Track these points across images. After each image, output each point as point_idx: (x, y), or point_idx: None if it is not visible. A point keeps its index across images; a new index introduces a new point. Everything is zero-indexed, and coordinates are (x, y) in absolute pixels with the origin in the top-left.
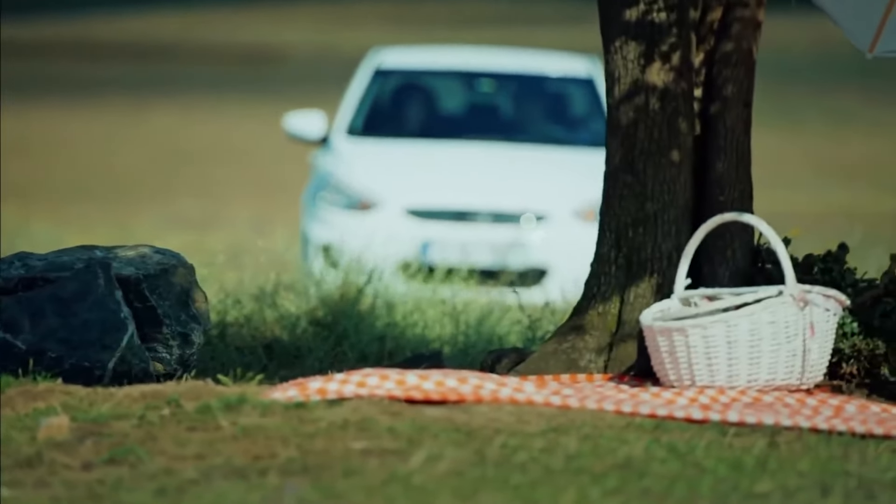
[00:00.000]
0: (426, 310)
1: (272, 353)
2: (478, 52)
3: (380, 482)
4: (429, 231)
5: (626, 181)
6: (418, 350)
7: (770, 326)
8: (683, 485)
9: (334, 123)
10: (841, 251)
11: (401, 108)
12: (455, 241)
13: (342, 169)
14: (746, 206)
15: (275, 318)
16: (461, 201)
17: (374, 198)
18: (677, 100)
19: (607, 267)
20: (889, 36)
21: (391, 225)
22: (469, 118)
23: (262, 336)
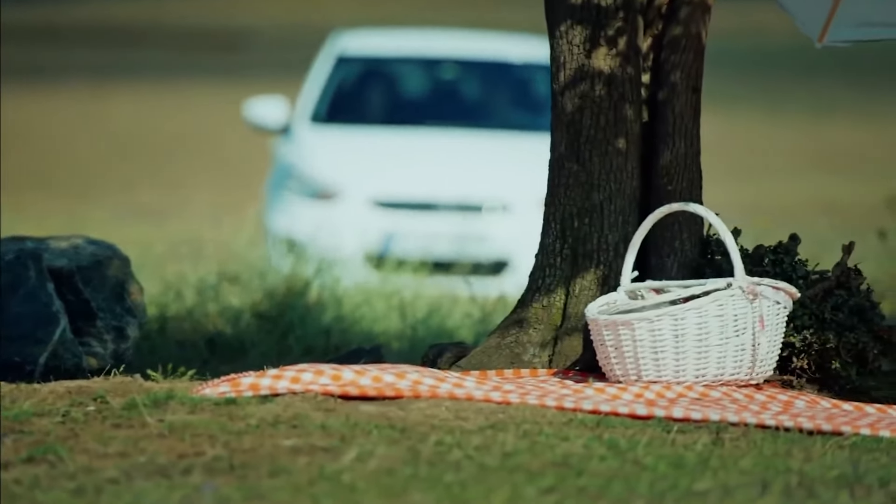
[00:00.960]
0: (375, 303)
1: (214, 347)
2: (442, 37)
3: (307, 481)
4: (392, 222)
5: (572, 170)
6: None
7: (718, 320)
8: (621, 483)
9: (296, 110)
10: (792, 242)
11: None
12: (418, 232)
13: (304, 158)
14: (695, 196)
15: (217, 312)
16: (425, 192)
17: (337, 188)
18: (624, 86)
19: (552, 258)
20: (838, 25)
21: (354, 216)
22: (433, 105)
23: (204, 330)
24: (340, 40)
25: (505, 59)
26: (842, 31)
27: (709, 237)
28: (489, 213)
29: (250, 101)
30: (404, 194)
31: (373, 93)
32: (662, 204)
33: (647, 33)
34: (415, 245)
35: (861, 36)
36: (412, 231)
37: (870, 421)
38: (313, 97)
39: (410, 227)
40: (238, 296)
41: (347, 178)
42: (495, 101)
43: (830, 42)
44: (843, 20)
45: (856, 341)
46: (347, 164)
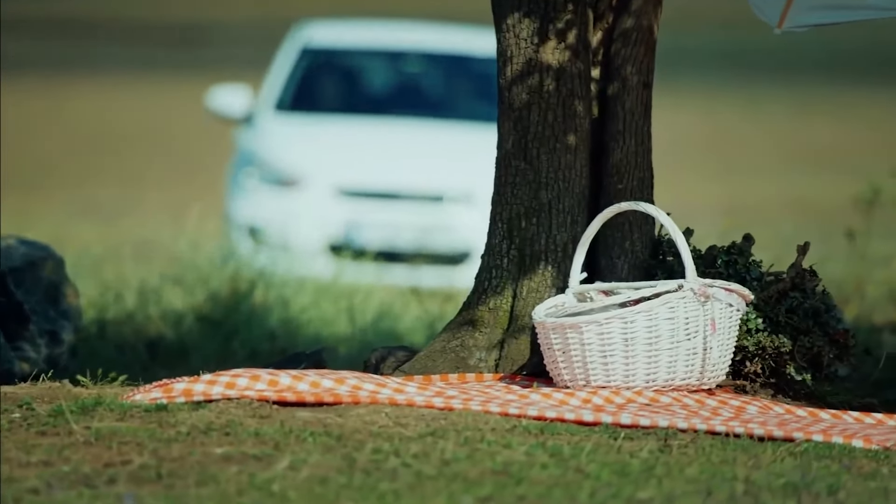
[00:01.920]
0: (324, 304)
1: (155, 351)
2: (406, 29)
3: (235, 490)
4: (355, 211)
5: (519, 167)
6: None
7: (669, 323)
8: (561, 491)
9: (260, 99)
10: (746, 243)
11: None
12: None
13: (268, 145)
14: (647, 195)
15: (159, 315)
16: (388, 181)
17: (301, 175)
18: (573, 81)
19: (499, 259)
20: (797, 10)
21: (317, 204)
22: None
23: (145, 334)
24: (304, 32)
25: (469, 52)
26: (800, 16)
27: (660, 237)
28: (451, 204)
29: (213, 89)
30: (368, 183)
31: (337, 83)
32: (612, 203)
33: (597, 26)
34: (377, 235)
35: (820, 20)
36: (375, 221)
37: (823, 427)
38: (277, 86)
39: (373, 216)
40: (181, 298)
41: (311, 166)
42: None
43: (789, 28)
44: (801, 5)
45: (811, 345)
46: (311, 153)
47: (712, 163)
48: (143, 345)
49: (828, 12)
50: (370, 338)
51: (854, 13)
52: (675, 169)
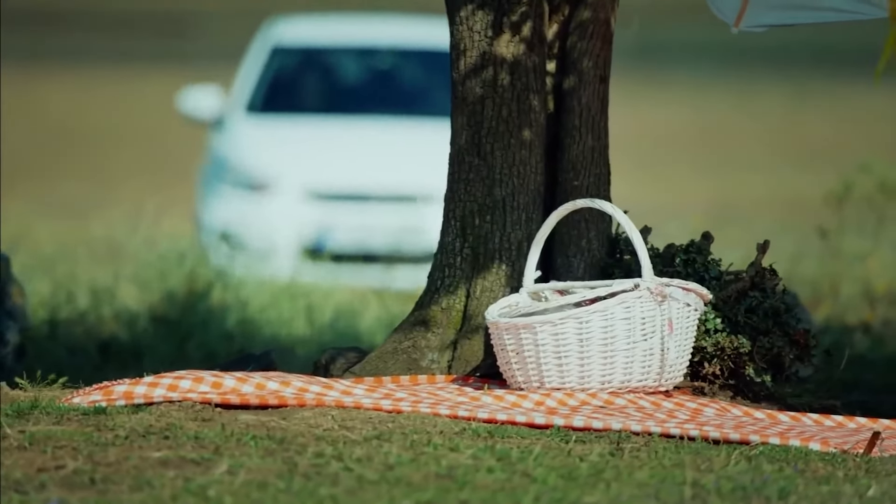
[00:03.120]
0: (282, 305)
1: (108, 353)
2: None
3: (169, 496)
4: (327, 214)
5: (473, 164)
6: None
7: (625, 323)
8: (506, 496)
9: (230, 101)
10: (705, 241)
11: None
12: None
13: (238, 149)
14: (603, 192)
15: (113, 315)
16: (360, 183)
17: (272, 179)
18: (528, 74)
19: (452, 258)
20: (754, 10)
21: (289, 207)
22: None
23: (97, 334)
24: (275, 30)
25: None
26: (757, 15)
27: (617, 236)
28: (425, 204)
29: (184, 91)
30: (339, 185)
31: (309, 82)
32: (569, 200)
33: (552, 19)
34: (349, 237)
35: (777, 20)
36: (347, 223)
37: (780, 429)
38: (248, 87)
39: (345, 218)
40: (136, 297)
41: (282, 169)
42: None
43: (746, 27)
44: (758, 4)
45: (770, 346)
46: (282, 155)
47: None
48: (95, 346)
49: (785, 12)
50: (329, 338)
51: (811, 14)
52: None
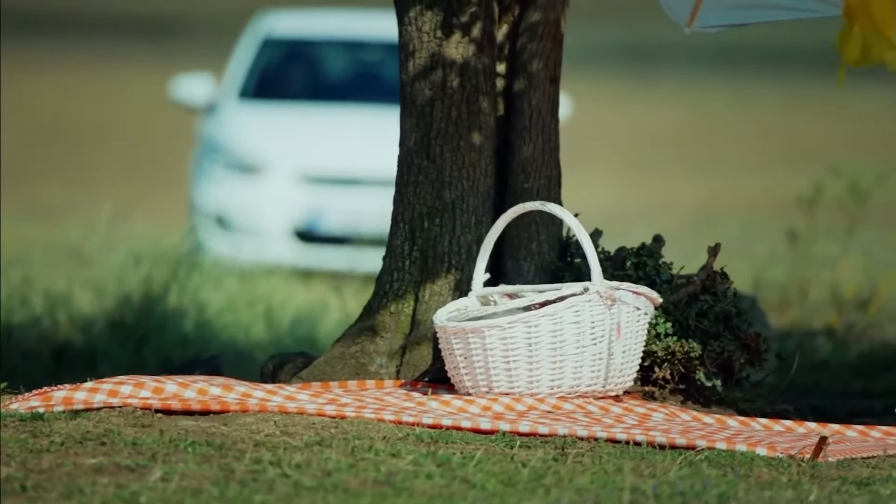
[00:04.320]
0: (241, 309)
1: (63, 358)
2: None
3: (100, 502)
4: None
5: (422, 166)
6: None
7: (574, 327)
8: (443, 502)
9: (223, 88)
10: (656, 244)
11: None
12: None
13: (231, 133)
14: (554, 194)
15: (68, 320)
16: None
17: (264, 162)
18: (478, 76)
19: (400, 262)
20: (707, 10)
21: (281, 190)
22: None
23: (52, 340)
24: (265, 22)
25: None
26: (711, 15)
27: (568, 239)
28: None
29: (176, 78)
30: (331, 169)
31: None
32: (519, 203)
33: (502, 20)
34: (340, 220)
35: (731, 20)
36: (338, 206)
37: (728, 434)
38: (240, 75)
39: (336, 201)
40: (92, 302)
41: (274, 153)
42: None
43: (699, 28)
44: (711, 4)
45: (721, 350)
46: (274, 139)
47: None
48: (50, 351)
49: (738, 12)
50: (288, 343)
51: (764, 13)
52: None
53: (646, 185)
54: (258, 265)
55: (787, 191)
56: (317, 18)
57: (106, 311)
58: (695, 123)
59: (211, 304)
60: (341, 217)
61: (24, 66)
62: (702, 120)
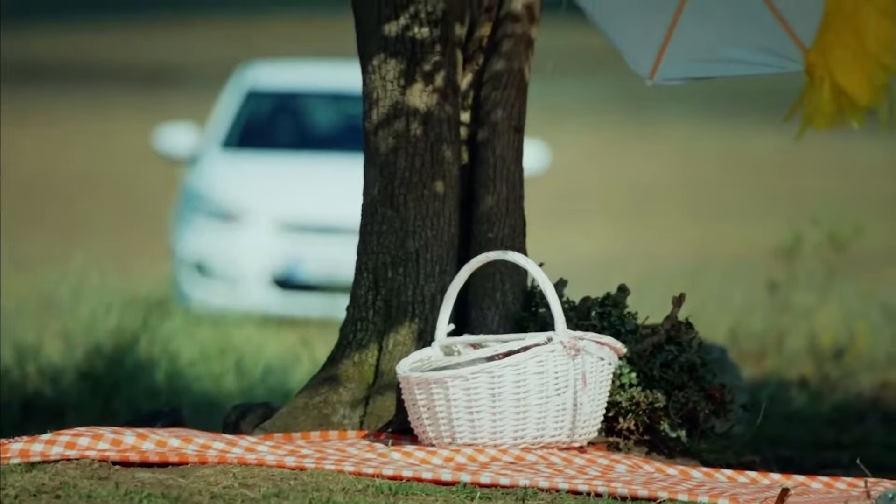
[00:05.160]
0: (213, 359)
1: (32, 410)
2: (349, 69)
3: None
4: (296, 244)
5: (385, 215)
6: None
7: (538, 377)
8: None
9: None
10: (621, 294)
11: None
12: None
13: (211, 181)
14: (518, 244)
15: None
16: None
17: (243, 210)
18: (441, 125)
19: (364, 311)
20: (669, 63)
21: (259, 238)
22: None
23: (21, 391)
24: (249, 73)
25: None
26: (673, 68)
27: (533, 288)
28: None
29: (160, 128)
30: (309, 217)
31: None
32: (483, 252)
33: (466, 69)
34: (319, 268)
35: (693, 73)
36: (317, 254)
37: (690, 486)
38: (223, 125)
39: (315, 249)
40: (61, 353)
41: (253, 200)
42: None
43: (661, 80)
44: (673, 57)
45: (686, 400)
46: (253, 187)
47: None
48: (18, 403)
49: (699, 65)
50: (259, 393)
51: (724, 67)
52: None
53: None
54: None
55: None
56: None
57: (76, 361)
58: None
59: (183, 353)
60: (319, 265)
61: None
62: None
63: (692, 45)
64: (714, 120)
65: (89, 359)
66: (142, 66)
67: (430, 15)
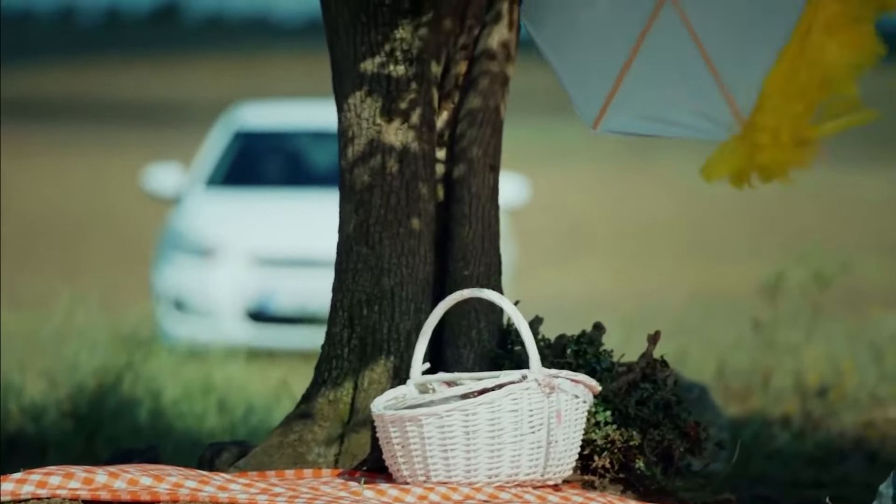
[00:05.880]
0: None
1: (13, 448)
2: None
3: None
4: (270, 278)
5: (361, 253)
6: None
7: (512, 415)
8: None
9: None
10: (596, 331)
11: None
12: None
13: (192, 217)
14: (494, 282)
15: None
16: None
17: (218, 244)
18: (417, 162)
19: (339, 349)
20: (613, 115)
21: (233, 272)
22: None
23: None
24: (238, 114)
25: None
26: (616, 120)
27: (509, 326)
28: None
29: (147, 168)
30: (283, 250)
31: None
32: (458, 290)
33: (442, 106)
34: (291, 301)
35: (636, 129)
36: (290, 287)
37: None
38: (209, 164)
39: (288, 282)
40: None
41: (227, 235)
42: None
43: (605, 130)
44: (618, 108)
45: (661, 438)
46: (229, 222)
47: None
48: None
49: (641, 122)
50: (241, 432)
51: (664, 128)
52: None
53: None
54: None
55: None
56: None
57: (58, 399)
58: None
59: (166, 392)
60: (292, 297)
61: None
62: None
63: (637, 100)
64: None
65: (72, 397)
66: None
67: (407, 53)
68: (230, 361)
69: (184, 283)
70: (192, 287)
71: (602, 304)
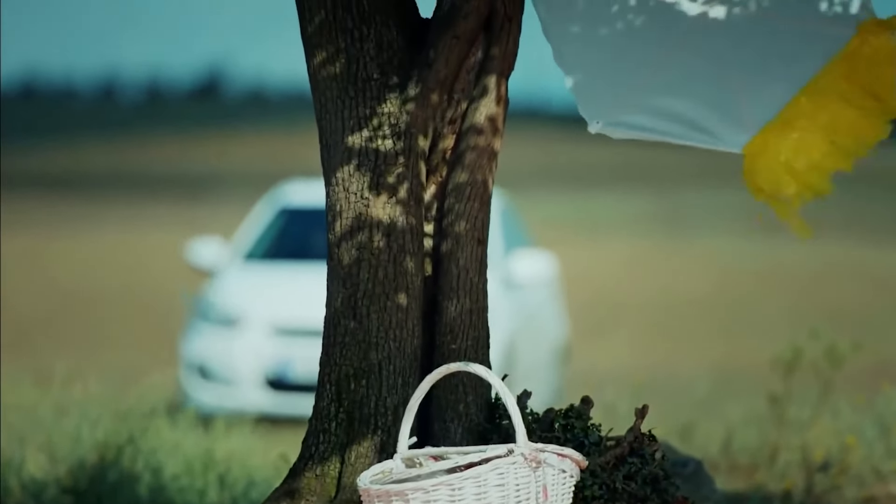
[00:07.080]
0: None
1: None
2: None
3: None
4: (290, 347)
5: (348, 327)
6: None
7: (499, 490)
8: None
9: (231, 251)
10: (584, 405)
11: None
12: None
13: (223, 289)
14: (482, 355)
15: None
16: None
17: (240, 314)
18: (405, 236)
19: (326, 423)
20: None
21: (254, 341)
22: None
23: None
24: (283, 191)
25: None
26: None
27: (497, 400)
28: None
29: (192, 242)
30: (301, 320)
31: (308, 237)
32: (446, 364)
33: (430, 180)
34: (308, 368)
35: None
36: (308, 356)
37: None
38: (250, 239)
39: (307, 351)
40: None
41: (250, 306)
42: None
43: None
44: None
45: None
46: (254, 293)
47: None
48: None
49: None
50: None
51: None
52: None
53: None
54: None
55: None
56: None
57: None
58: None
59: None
60: (310, 366)
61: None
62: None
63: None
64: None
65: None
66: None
67: (394, 127)
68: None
69: (209, 351)
70: (216, 355)
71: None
